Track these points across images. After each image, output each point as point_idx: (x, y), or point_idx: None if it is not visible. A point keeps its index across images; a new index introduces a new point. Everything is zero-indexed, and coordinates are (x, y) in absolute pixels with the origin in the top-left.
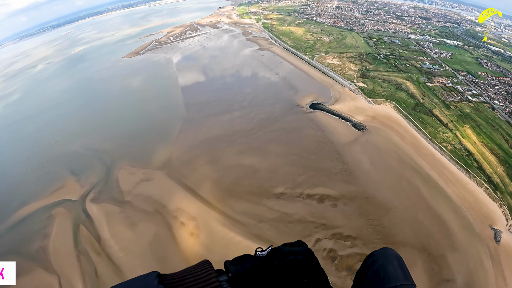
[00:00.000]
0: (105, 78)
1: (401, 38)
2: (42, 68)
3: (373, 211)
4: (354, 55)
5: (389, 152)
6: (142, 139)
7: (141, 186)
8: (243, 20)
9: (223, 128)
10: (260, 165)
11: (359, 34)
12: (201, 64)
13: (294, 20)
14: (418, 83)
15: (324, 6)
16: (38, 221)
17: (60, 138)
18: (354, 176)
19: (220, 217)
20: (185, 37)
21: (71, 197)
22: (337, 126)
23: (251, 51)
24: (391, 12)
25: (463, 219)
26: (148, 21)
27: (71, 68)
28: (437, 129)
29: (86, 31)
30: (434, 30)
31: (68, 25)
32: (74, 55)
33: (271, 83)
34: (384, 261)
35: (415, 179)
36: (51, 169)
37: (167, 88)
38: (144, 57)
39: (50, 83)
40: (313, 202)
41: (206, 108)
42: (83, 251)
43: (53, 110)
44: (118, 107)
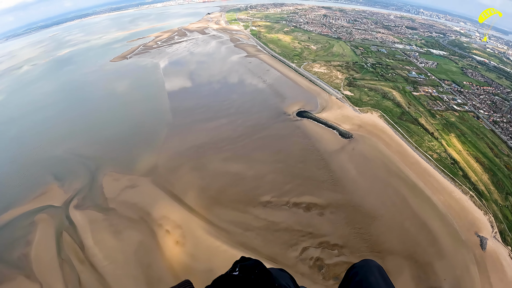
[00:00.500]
0: (92, 82)
1: (387, 47)
2: (27, 69)
3: (360, 219)
4: (341, 64)
5: (375, 160)
6: (128, 144)
7: (126, 193)
8: (231, 27)
9: (210, 135)
10: (247, 173)
11: (346, 43)
12: (188, 70)
13: (282, 27)
14: (404, 92)
15: (312, 14)
16: (20, 227)
17: (44, 142)
18: (341, 185)
19: (206, 225)
20: (173, 42)
21: (54, 203)
22: (323, 134)
23: (239, 57)
24: (378, 21)
25: (449, 226)
26: (136, 25)
27: (57, 71)
28: (423, 138)
29: (74, 33)
30: (420, 40)
31: (55, 26)
32: (61, 57)
33: (258, 90)
34: (365, 272)
35: (402, 187)
36: (34, 173)
37: (153, 93)
38: (131, 61)
39: (36, 85)
40: (300, 210)
41: (193, 114)
42: (66, 259)
43: (38, 113)
44: (103, 112)
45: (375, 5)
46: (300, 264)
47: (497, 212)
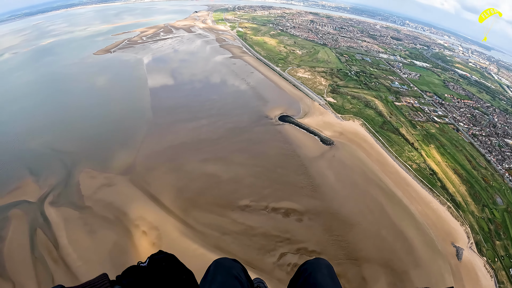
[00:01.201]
0: (73, 74)
1: (372, 56)
2: (7, 57)
3: (337, 226)
4: (326, 70)
5: (355, 168)
6: (106, 141)
7: (103, 191)
8: (218, 27)
9: (190, 135)
10: (226, 176)
11: (331, 49)
12: (172, 68)
13: (268, 30)
14: (386, 102)
15: (299, 19)
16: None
17: (20, 134)
18: (320, 191)
19: (183, 227)
20: (158, 38)
21: (28, 199)
22: (305, 140)
23: (223, 58)
24: (364, 30)
25: (426, 236)
26: (121, 18)
27: (38, 61)
28: (403, 148)
29: (58, 23)
30: (404, 51)
31: (40, 14)
32: (43, 47)
33: (241, 93)
34: (314, 269)
35: (380, 195)
36: (8, 166)
37: (135, 89)
38: (115, 56)
39: (15, 75)
40: (278, 216)
41: (174, 113)
42: (40, 257)
43: (15, 103)
44: (83, 106)
45: (362, 14)
46: (278, 269)
47: (473, 223)
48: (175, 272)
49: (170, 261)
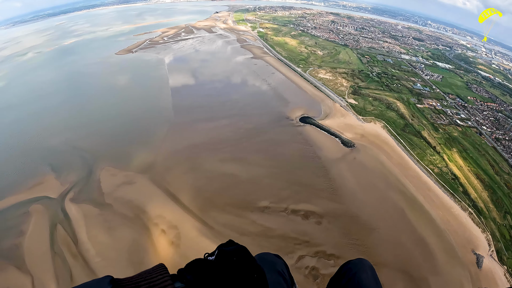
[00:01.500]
0: (95, 74)
1: (394, 57)
2: (31, 57)
3: (357, 230)
4: (347, 71)
5: (376, 171)
6: (127, 139)
7: (123, 189)
8: (239, 27)
9: (210, 135)
10: (245, 177)
11: (353, 50)
12: (193, 68)
13: (289, 31)
14: (408, 104)
15: (320, 20)
16: (14, 217)
17: (43, 131)
18: (339, 194)
19: (202, 227)
20: (179, 38)
21: (50, 194)
22: (325, 142)
23: (244, 58)
24: (385, 31)
25: (446, 243)
26: (143, 19)
27: (61, 60)
28: (425, 151)
29: (80, 23)
30: (426, 52)
31: (63, 15)
32: (66, 46)
33: (262, 93)
34: (359, 269)
35: (400, 200)
36: (31, 163)
37: (156, 89)
38: (137, 56)
39: (38, 73)
40: (297, 218)
41: (195, 113)
42: (59, 252)
43: (38, 101)
44: (105, 105)
45: (383, 14)
46: (295, 272)
47: (495, 231)
48: (246, 269)
49: (242, 256)
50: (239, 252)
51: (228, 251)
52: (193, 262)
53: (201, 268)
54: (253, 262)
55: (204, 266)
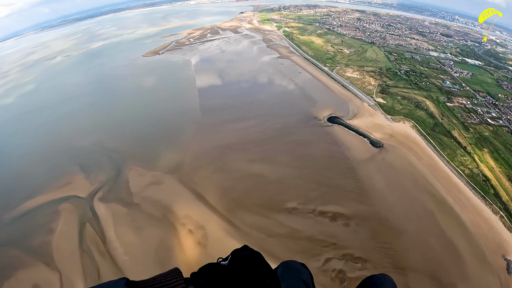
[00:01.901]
0: (122, 76)
1: (422, 54)
2: (60, 60)
3: (385, 233)
4: (374, 70)
5: (405, 173)
6: (155, 140)
7: (151, 189)
8: (264, 27)
9: (237, 136)
10: (273, 177)
11: (380, 48)
12: (220, 68)
13: (315, 30)
14: (437, 103)
15: (346, 17)
16: (44, 215)
17: (72, 132)
18: (368, 196)
19: (229, 227)
20: (205, 39)
21: (79, 194)
22: (354, 142)
23: (271, 58)
24: (412, 27)
25: (476, 247)
26: (168, 21)
27: (89, 63)
28: (455, 152)
29: (107, 27)
30: (455, 48)
31: (89, 19)
32: (93, 50)
33: (289, 93)
34: (381, 284)
35: (430, 202)
36: (61, 163)
37: (184, 90)
38: (163, 57)
39: (67, 76)
40: (325, 220)
41: (222, 113)
42: (87, 250)
43: (68, 104)
44: (133, 106)
45: (409, 10)
46: (322, 275)
47: None
48: (259, 275)
49: (255, 261)
50: (253, 258)
51: (242, 256)
52: (206, 266)
53: (214, 272)
54: (267, 268)
55: (217, 271)
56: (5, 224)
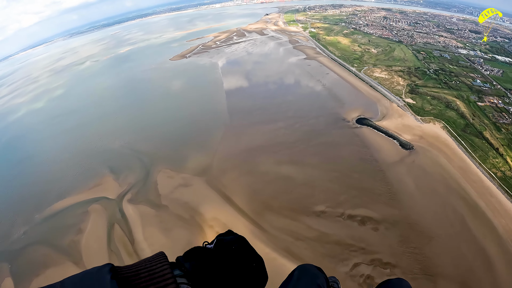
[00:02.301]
0: (151, 79)
1: (451, 52)
2: (89, 65)
3: (415, 238)
4: (403, 69)
5: (435, 175)
6: (184, 143)
7: (179, 191)
8: (290, 28)
9: (266, 138)
10: (301, 180)
11: (407, 46)
12: (247, 71)
13: (341, 30)
14: (468, 102)
15: (372, 16)
16: (74, 215)
17: (103, 135)
18: (398, 199)
19: (257, 230)
20: (232, 42)
21: (108, 195)
22: (383, 144)
23: (298, 59)
24: (440, 24)
25: (508, 254)
26: (194, 25)
27: (117, 67)
28: (487, 154)
29: (134, 32)
30: (484, 45)
31: (117, 25)
32: (121, 54)
33: (317, 94)
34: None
35: (461, 206)
36: (91, 165)
37: (211, 93)
38: (191, 60)
39: (96, 80)
40: (354, 223)
41: (250, 116)
42: (115, 250)
43: (98, 107)
44: (162, 109)
45: (436, 6)
46: (350, 280)
47: None
48: (245, 258)
49: (240, 245)
50: (238, 242)
51: (227, 240)
52: (192, 250)
53: (199, 256)
54: (252, 251)
55: (203, 254)
56: (36, 224)
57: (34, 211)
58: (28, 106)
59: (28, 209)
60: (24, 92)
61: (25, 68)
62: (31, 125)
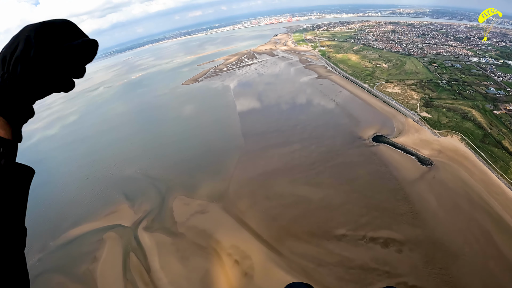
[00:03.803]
0: (164, 104)
1: (462, 61)
2: (102, 91)
3: (440, 258)
4: (416, 82)
5: (457, 190)
6: (199, 168)
7: (196, 218)
8: (299, 47)
9: (282, 161)
10: (321, 203)
11: (418, 59)
12: (259, 93)
13: (351, 46)
14: (484, 111)
15: (380, 30)
16: (89, 243)
17: (117, 161)
18: (420, 218)
19: (276, 257)
20: (243, 64)
21: (123, 223)
22: (402, 161)
23: (310, 79)
24: (448, 34)
25: None
26: (204, 49)
27: (130, 93)
28: (508, 164)
29: (145, 58)
30: (494, 51)
31: (129, 51)
32: (134, 80)
33: (331, 113)
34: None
35: (486, 221)
36: (106, 191)
37: (225, 117)
38: (203, 84)
39: (110, 106)
40: (376, 246)
41: (265, 139)
42: (131, 280)
43: (111, 133)
44: (175, 134)
45: (442, 16)
46: None
47: None
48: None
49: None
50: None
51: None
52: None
53: None
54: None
55: None
56: (51, 251)
57: (49, 237)
58: (42, 132)
59: (43, 235)
60: (38, 119)
61: None
62: (45, 151)
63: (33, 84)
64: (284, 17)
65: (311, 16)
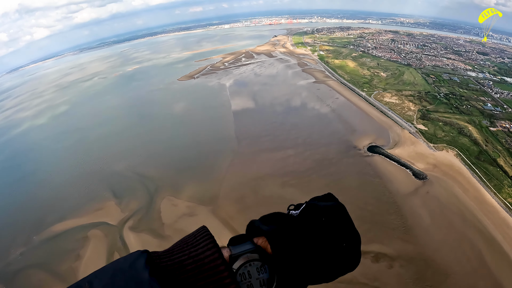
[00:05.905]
0: (158, 100)
1: (460, 75)
2: (96, 81)
3: (431, 276)
4: (413, 93)
5: (451, 207)
6: (190, 168)
7: (184, 220)
8: (298, 50)
9: (275, 167)
10: None
11: (416, 70)
12: (255, 94)
13: (350, 52)
14: (480, 127)
15: (380, 39)
16: (73, 240)
17: (106, 156)
18: (412, 234)
19: None
20: (240, 64)
21: (109, 221)
22: (396, 174)
23: (307, 83)
24: (447, 46)
25: None
26: (201, 45)
27: (124, 86)
28: (502, 182)
29: (142, 50)
30: (492, 67)
31: (127, 42)
32: (129, 72)
33: (327, 120)
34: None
35: (478, 240)
36: (93, 187)
37: (219, 117)
38: (199, 81)
39: (102, 99)
40: (367, 260)
41: (259, 142)
42: None
43: (102, 126)
44: (168, 132)
45: (442, 28)
46: None
47: None
48: (334, 235)
49: (335, 216)
50: (333, 211)
51: (319, 207)
52: (270, 216)
53: (278, 223)
54: (348, 226)
55: (283, 223)
56: (34, 246)
57: (33, 231)
58: (31, 121)
59: (26, 228)
60: (28, 107)
61: (33, 81)
62: (33, 141)
63: None
64: (285, 19)
65: (312, 19)
